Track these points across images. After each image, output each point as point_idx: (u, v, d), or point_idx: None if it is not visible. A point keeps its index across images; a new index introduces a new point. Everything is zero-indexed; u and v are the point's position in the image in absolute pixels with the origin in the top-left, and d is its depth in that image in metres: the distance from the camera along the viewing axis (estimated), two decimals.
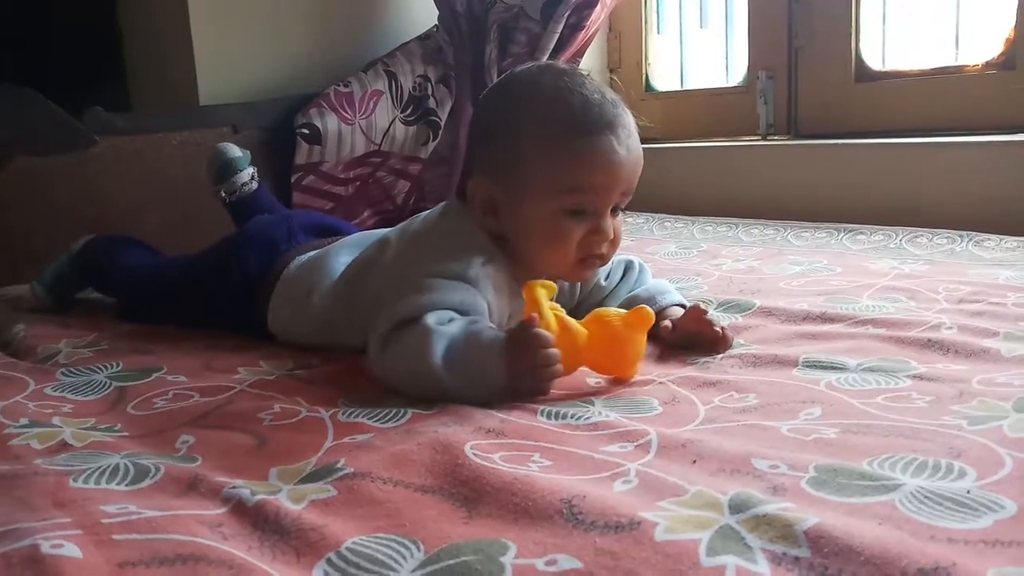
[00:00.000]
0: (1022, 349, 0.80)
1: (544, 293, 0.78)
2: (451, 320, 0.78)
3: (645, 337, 0.79)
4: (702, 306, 0.89)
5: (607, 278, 0.98)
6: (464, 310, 0.79)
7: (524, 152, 0.82)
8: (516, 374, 0.73)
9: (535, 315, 0.75)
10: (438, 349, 0.74)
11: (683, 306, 0.93)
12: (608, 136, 0.81)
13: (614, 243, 0.86)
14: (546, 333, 0.74)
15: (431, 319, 0.76)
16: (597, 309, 0.81)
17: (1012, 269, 1.14)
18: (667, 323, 0.89)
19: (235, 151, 1.27)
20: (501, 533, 0.49)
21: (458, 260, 0.82)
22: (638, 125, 0.85)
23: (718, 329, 0.86)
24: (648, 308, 0.78)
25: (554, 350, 0.73)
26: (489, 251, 0.84)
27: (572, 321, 0.78)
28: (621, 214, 0.87)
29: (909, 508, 0.49)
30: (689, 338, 0.87)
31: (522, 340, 0.73)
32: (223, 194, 1.26)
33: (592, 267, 0.88)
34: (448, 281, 0.80)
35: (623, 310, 0.80)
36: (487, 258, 0.83)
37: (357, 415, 0.71)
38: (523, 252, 0.85)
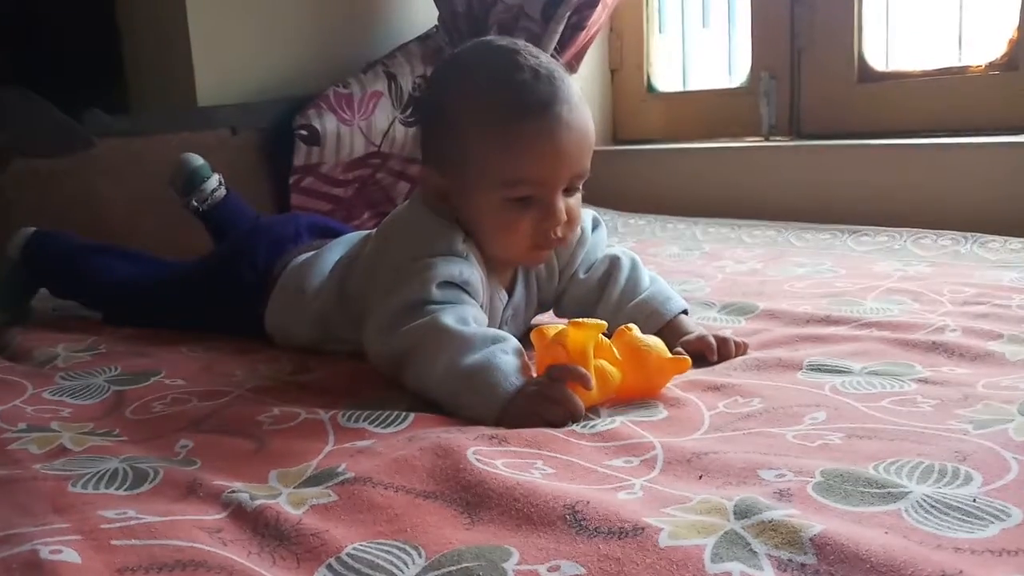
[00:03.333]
0: None
1: (592, 335, 0.71)
2: (476, 320, 0.76)
3: None
4: (707, 338, 0.85)
5: (587, 271, 0.94)
6: (464, 280, 0.79)
7: (463, 141, 0.81)
8: (520, 417, 0.68)
9: (570, 369, 0.70)
10: (447, 357, 0.72)
11: (686, 312, 0.91)
12: (548, 119, 0.78)
13: (571, 223, 0.83)
14: (576, 401, 0.69)
15: (450, 318, 0.75)
16: (629, 335, 0.75)
17: (1017, 271, 1.14)
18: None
19: (198, 160, 1.27)
20: (503, 539, 0.48)
21: (442, 238, 0.82)
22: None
23: (726, 348, 0.84)
24: (688, 360, 0.75)
25: (578, 407, 0.69)
26: (461, 233, 0.84)
27: (607, 366, 0.72)
28: (579, 193, 0.84)
29: (915, 517, 0.49)
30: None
31: (548, 396, 0.68)
32: (194, 203, 1.25)
33: (548, 249, 0.86)
34: (441, 257, 0.80)
35: (657, 342, 0.75)
36: (463, 237, 0.83)
37: (357, 419, 0.71)
38: (477, 239, 0.84)
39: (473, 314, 0.78)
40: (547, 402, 0.68)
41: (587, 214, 0.92)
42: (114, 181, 1.49)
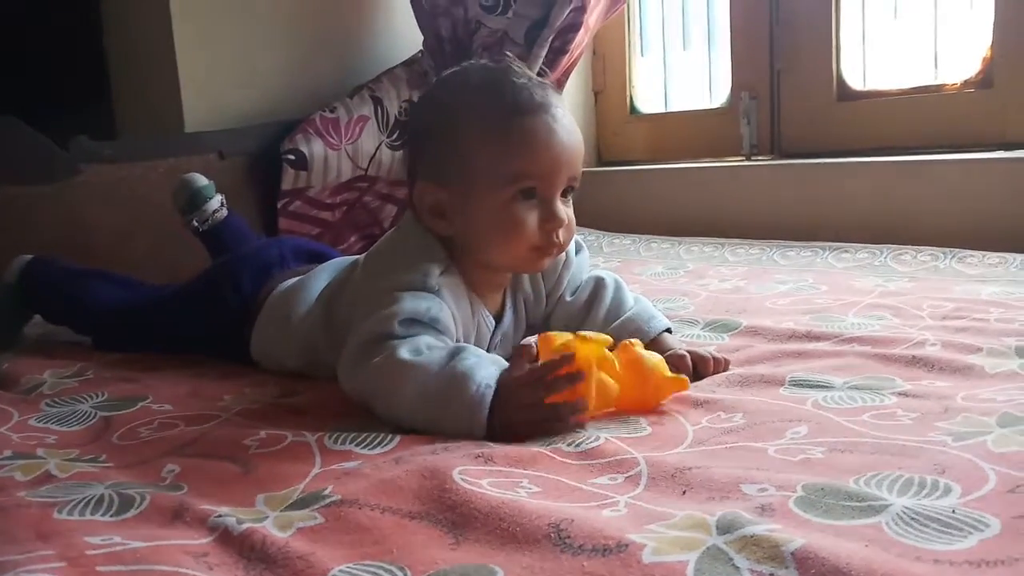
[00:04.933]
0: (1005, 365, 0.81)
1: (597, 350, 0.73)
2: (429, 348, 0.76)
3: None
4: (686, 358, 0.86)
5: (573, 294, 0.95)
6: (432, 317, 0.79)
7: (463, 146, 0.81)
8: (509, 424, 0.70)
9: (529, 347, 0.73)
10: (410, 389, 0.73)
11: (669, 330, 0.92)
12: (544, 116, 0.80)
13: (568, 230, 0.84)
14: (546, 375, 0.71)
15: (405, 351, 0.75)
16: (633, 352, 0.77)
17: (995, 285, 1.16)
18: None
19: (202, 180, 1.28)
20: (489, 558, 0.49)
21: (415, 271, 0.81)
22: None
23: (704, 366, 0.86)
24: (686, 380, 0.77)
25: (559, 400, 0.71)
26: (444, 261, 0.84)
27: (607, 379, 0.74)
28: (573, 206, 0.85)
29: (895, 530, 0.49)
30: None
31: (522, 385, 0.71)
32: (195, 223, 1.26)
33: (549, 256, 0.85)
34: (411, 292, 0.80)
35: (659, 360, 0.77)
36: (443, 268, 0.83)
37: (344, 441, 0.71)
38: (477, 250, 0.84)
39: (427, 342, 0.77)
40: (542, 390, 0.71)
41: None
42: (101, 207, 1.50)
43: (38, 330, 1.25)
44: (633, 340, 0.79)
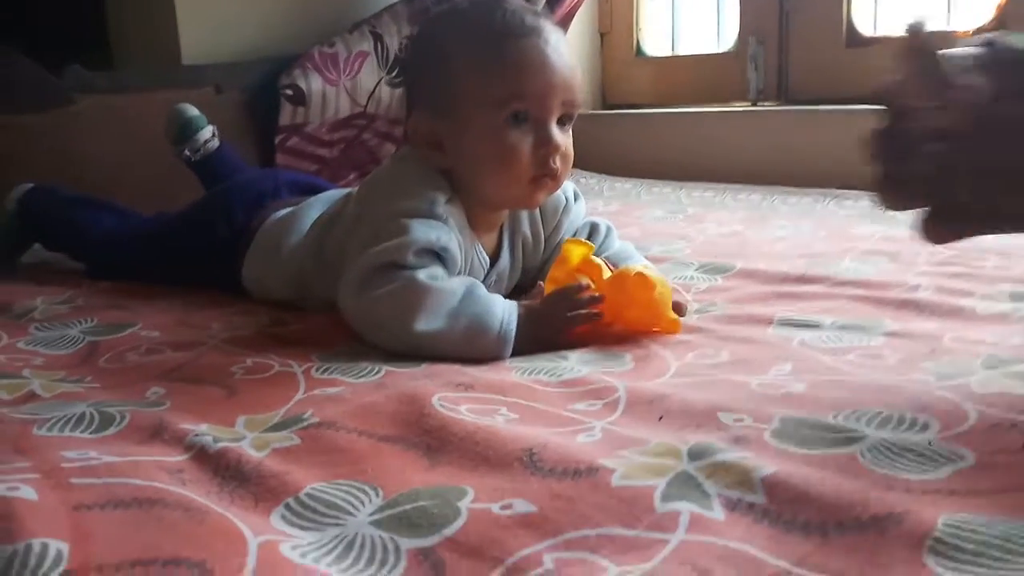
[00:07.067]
0: (996, 308, 0.80)
1: (581, 252, 0.80)
2: (442, 278, 0.77)
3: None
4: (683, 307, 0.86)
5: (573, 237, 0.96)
6: (442, 246, 0.79)
7: (454, 72, 0.80)
8: (535, 341, 0.75)
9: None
10: (433, 316, 0.74)
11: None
12: (535, 39, 0.79)
13: (565, 159, 0.82)
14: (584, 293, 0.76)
15: (424, 276, 0.76)
16: (629, 268, 0.80)
17: None
18: None
19: (193, 110, 1.27)
20: (460, 480, 0.49)
21: (422, 198, 0.81)
22: None
23: None
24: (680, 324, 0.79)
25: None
26: (447, 190, 0.83)
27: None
28: (571, 131, 0.84)
29: (869, 459, 0.49)
30: None
31: (559, 307, 0.76)
32: (187, 153, 1.26)
33: (546, 187, 0.83)
34: (420, 219, 0.79)
35: (668, 290, 0.79)
36: (448, 196, 0.82)
37: (331, 371, 0.71)
38: (474, 182, 0.83)
39: (441, 273, 0.78)
40: (567, 307, 0.76)
41: (568, 184, 0.92)
42: (96, 138, 1.48)
43: (34, 257, 1.25)
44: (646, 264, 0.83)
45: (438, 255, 0.79)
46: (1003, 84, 0.53)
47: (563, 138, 0.81)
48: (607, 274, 0.79)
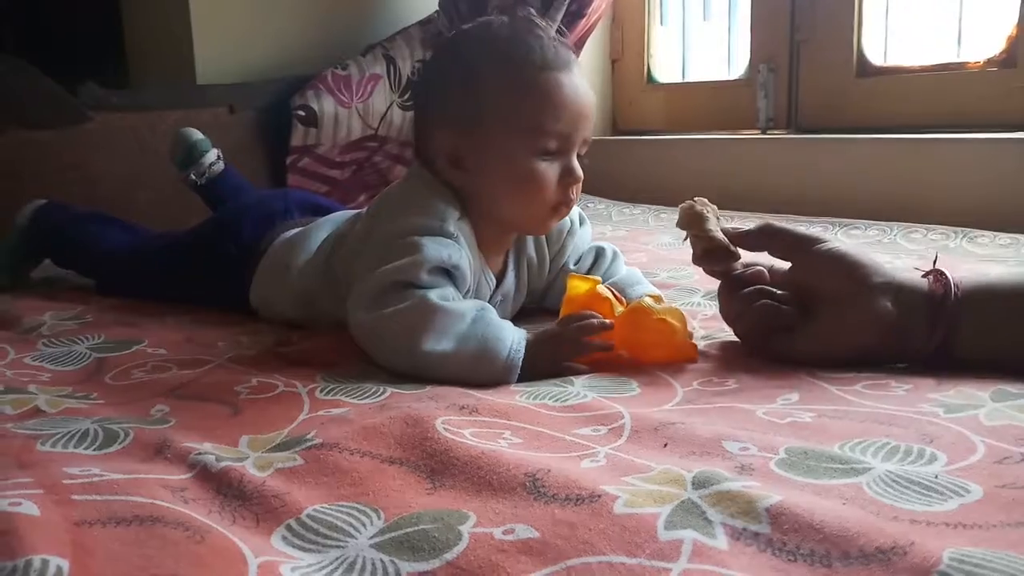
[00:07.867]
0: None
1: (585, 285, 0.80)
2: (454, 298, 0.77)
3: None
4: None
5: (577, 263, 0.96)
6: (454, 264, 0.79)
7: (484, 92, 0.81)
8: (542, 371, 0.74)
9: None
10: (444, 334, 0.73)
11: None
12: (569, 74, 0.81)
13: (577, 188, 0.84)
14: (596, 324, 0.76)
15: (435, 295, 0.76)
16: (641, 302, 0.80)
17: (1004, 265, 1.14)
18: None
19: (198, 134, 1.28)
20: (462, 504, 0.49)
21: (434, 215, 0.81)
22: None
23: None
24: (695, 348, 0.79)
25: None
26: (458, 209, 0.83)
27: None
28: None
29: (875, 490, 0.49)
30: None
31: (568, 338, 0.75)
32: (192, 176, 1.27)
33: (560, 215, 0.86)
34: (431, 237, 0.79)
35: (680, 320, 0.79)
36: (459, 214, 0.82)
37: (335, 392, 0.71)
38: (493, 202, 0.83)
39: (452, 293, 0.79)
40: (573, 342, 0.75)
41: (574, 209, 0.92)
42: (109, 155, 1.50)
43: (44, 273, 1.26)
44: (654, 295, 0.83)
45: (449, 272, 0.79)
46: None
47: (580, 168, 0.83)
48: (619, 309, 0.79)
